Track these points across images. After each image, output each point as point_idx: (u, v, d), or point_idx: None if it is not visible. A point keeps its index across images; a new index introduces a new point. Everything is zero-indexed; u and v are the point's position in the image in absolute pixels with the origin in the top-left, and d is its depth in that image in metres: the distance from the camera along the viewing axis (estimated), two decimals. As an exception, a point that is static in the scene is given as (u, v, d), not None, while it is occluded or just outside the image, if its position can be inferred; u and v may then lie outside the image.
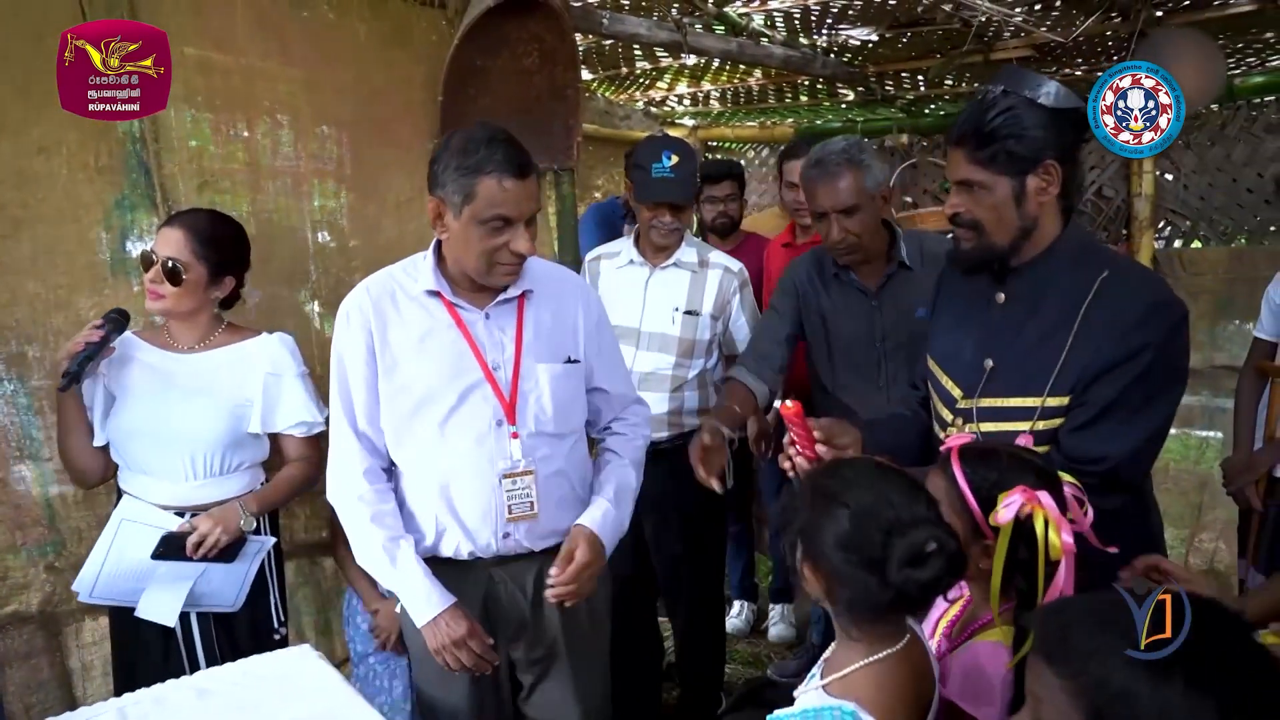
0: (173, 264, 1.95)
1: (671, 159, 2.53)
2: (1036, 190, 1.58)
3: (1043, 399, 1.58)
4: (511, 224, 1.67)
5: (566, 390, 1.85)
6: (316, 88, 2.55)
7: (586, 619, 1.93)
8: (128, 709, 1.63)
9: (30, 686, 2.25)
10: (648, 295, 2.63)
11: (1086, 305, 1.56)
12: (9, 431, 2.14)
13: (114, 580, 1.97)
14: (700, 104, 5.52)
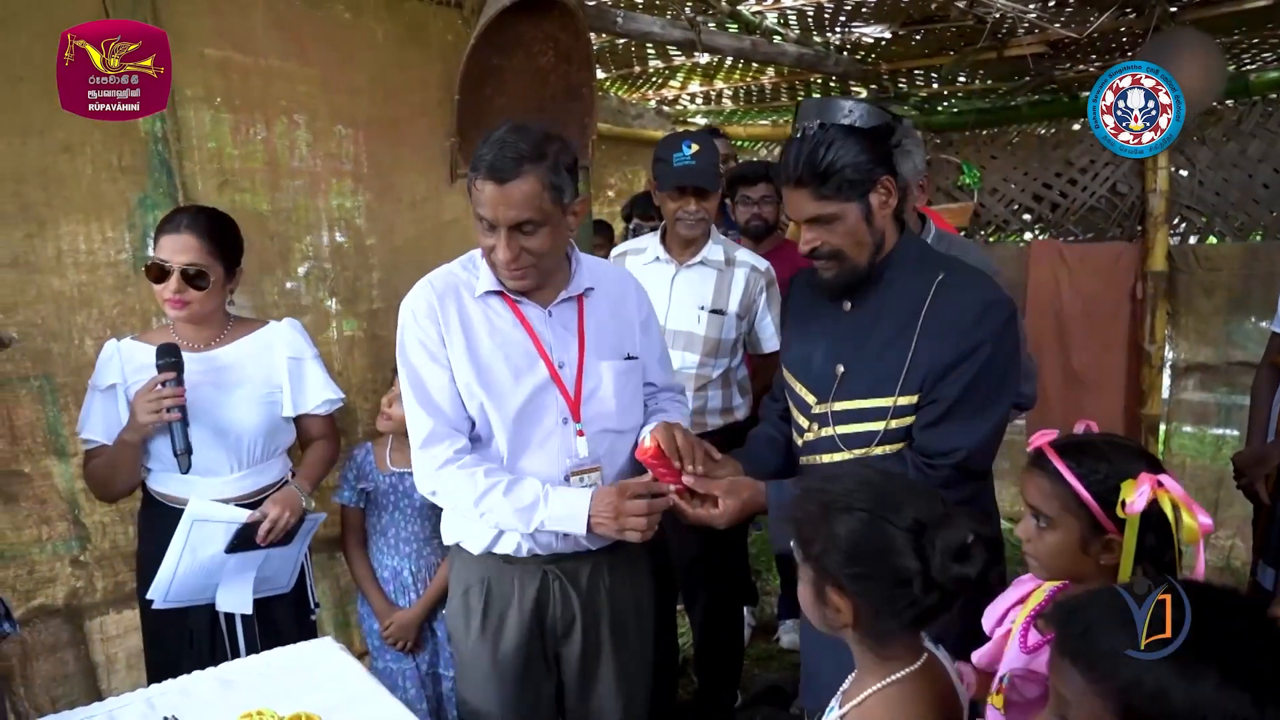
0: (195, 270, 1.96)
1: (692, 148, 2.55)
2: (879, 205, 1.67)
3: (894, 399, 1.67)
4: (495, 228, 1.64)
5: (629, 386, 1.85)
6: (334, 88, 2.58)
7: (634, 618, 1.92)
8: (155, 699, 1.65)
9: (56, 679, 2.29)
10: (673, 293, 2.64)
11: (925, 308, 1.66)
12: (35, 427, 2.18)
13: (189, 581, 1.97)
14: (713, 102, 5.54)
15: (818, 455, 1.79)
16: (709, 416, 2.64)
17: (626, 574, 1.90)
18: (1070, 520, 1.27)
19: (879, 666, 1.19)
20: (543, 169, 1.61)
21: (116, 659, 2.36)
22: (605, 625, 1.87)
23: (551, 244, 1.69)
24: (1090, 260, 4.37)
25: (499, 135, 1.63)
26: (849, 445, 1.73)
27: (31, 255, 2.14)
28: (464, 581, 1.88)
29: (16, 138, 2.09)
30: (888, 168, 1.67)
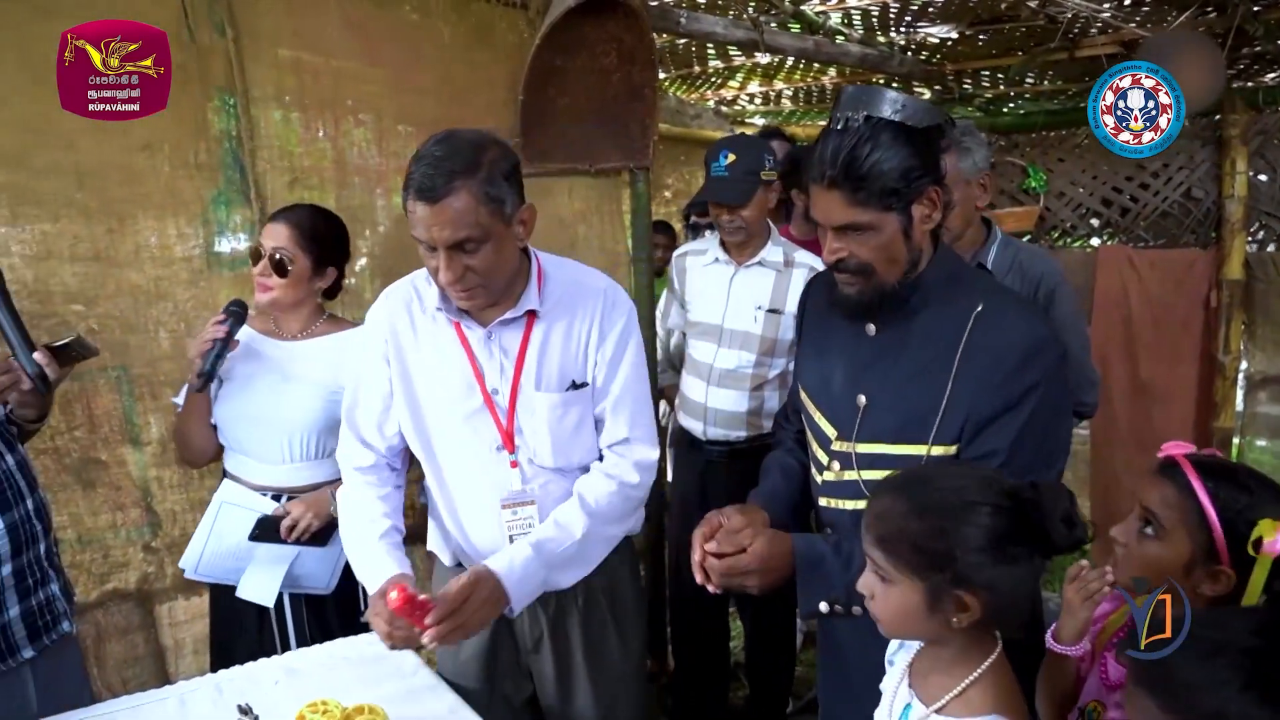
0: (279, 256, 2.03)
1: (728, 158, 2.55)
2: (921, 219, 1.46)
3: (928, 447, 1.47)
4: (435, 249, 1.53)
5: (568, 420, 1.72)
6: (401, 88, 2.61)
7: (613, 634, 1.87)
8: (222, 684, 1.70)
9: (127, 661, 2.36)
10: (731, 293, 2.65)
11: (963, 344, 1.45)
12: (112, 416, 2.25)
13: (216, 559, 2.06)
14: (772, 103, 5.50)
15: (840, 500, 1.61)
16: (764, 419, 2.63)
17: (604, 591, 1.85)
18: (1183, 538, 1.23)
19: (971, 656, 1.20)
20: (476, 182, 1.49)
21: (184, 644, 2.43)
22: (578, 640, 1.83)
23: (497, 259, 1.57)
24: (1161, 267, 4.24)
25: (427, 149, 1.52)
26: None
27: (112, 250, 2.21)
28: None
29: (100, 136, 2.15)
30: (936, 177, 1.45)
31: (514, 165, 1.57)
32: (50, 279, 2.14)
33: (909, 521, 1.18)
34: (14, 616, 1.73)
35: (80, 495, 2.25)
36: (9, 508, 1.72)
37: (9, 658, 1.72)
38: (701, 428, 2.68)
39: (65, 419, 2.19)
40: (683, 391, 2.77)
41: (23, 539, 1.74)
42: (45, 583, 1.81)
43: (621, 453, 1.75)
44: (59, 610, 1.84)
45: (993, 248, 2.31)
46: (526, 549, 1.61)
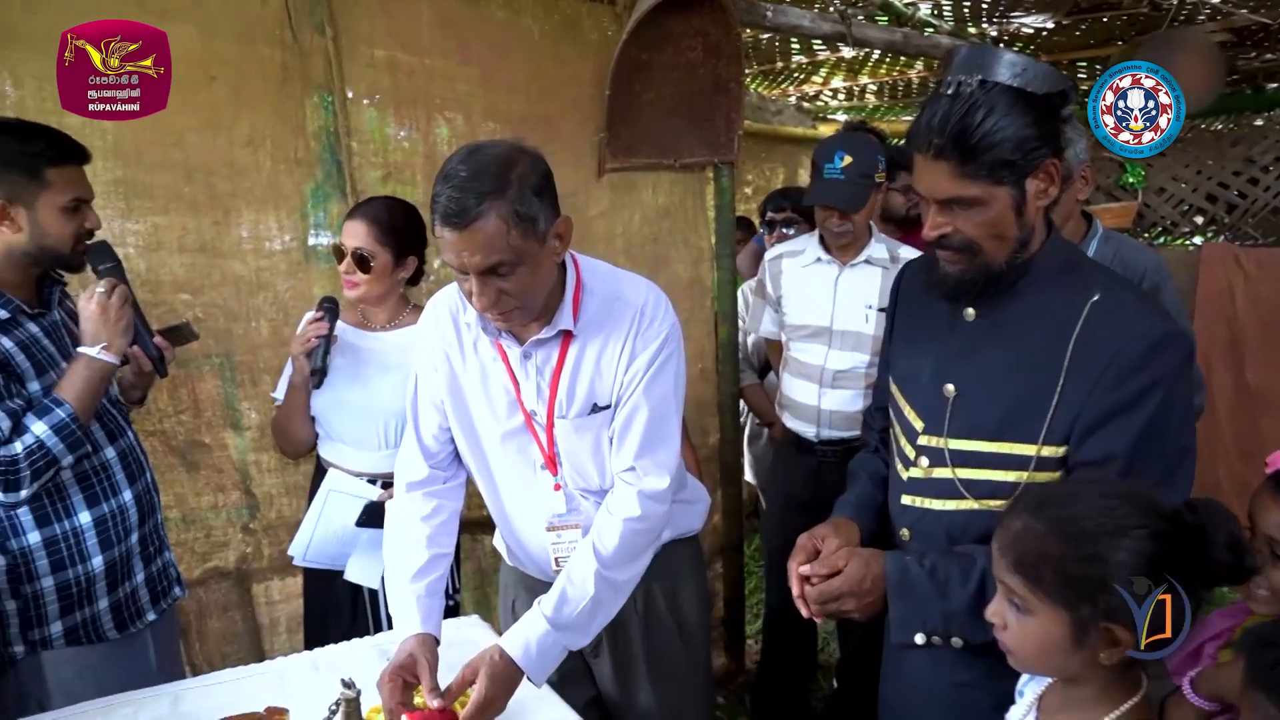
0: (361, 253, 2.09)
1: (843, 160, 2.48)
2: (1036, 194, 1.34)
3: (1038, 447, 1.36)
4: (466, 273, 1.45)
5: (603, 444, 1.64)
6: (490, 85, 2.65)
7: (677, 639, 1.83)
8: (319, 661, 1.75)
9: (226, 637, 2.46)
10: (838, 293, 2.60)
11: (1076, 335, 1.34)
12: (215, 401, 2.35)
13: (324, 546, 2.13)
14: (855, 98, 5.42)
15: (928, 499, 1.50)
16: None
17: (665, 593, 1.82)
18: None
19: (1112, 695, 1.10)
20: (505, 203, 1.38)
21: (279, 622, 2.51)
22: (638, 643, 1.80)
23: (533, 279, 1.47)
24: (1271, 267, 4.03)
25: (452, 166, 1.41)
26: (976, 494, 1.43)
27: (217, 241, 2.30)
28: (510, 589, 1.92)
29: (208, 132, 2.25)
30: (1055, 148, 1.33)
31: (545, 176, 1.46)
32: (160, 269, 2.25)
33: (1053, 545, 1.07)
34: (140, 581, 1.86)
35: (185, 476, 2.35)
36: (135, 479, 1.85)
37: (136, 620, 1.85)
38: (814, 430, 2.64)
39: (172, 403, 2.29)
40: (787, 394, 2.73)
41: (145, 508, 1.87)
42: (162, 550, 1.96)
43: (628, 481, 1.62)
44: (172, 575, 1.98)
45: (1093, 242, 2.22)
46: (543, 623, 1.52)
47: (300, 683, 1.65)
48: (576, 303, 1.58)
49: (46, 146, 1.66)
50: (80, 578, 1.75)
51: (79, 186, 1.73)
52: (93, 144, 2.07)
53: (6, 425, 1.61)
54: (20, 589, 1.72)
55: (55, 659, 1.76)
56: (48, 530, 1.71)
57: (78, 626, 1.77)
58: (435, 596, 1.61)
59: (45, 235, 1.69)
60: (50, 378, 1.72)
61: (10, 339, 1.68)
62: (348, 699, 1.31)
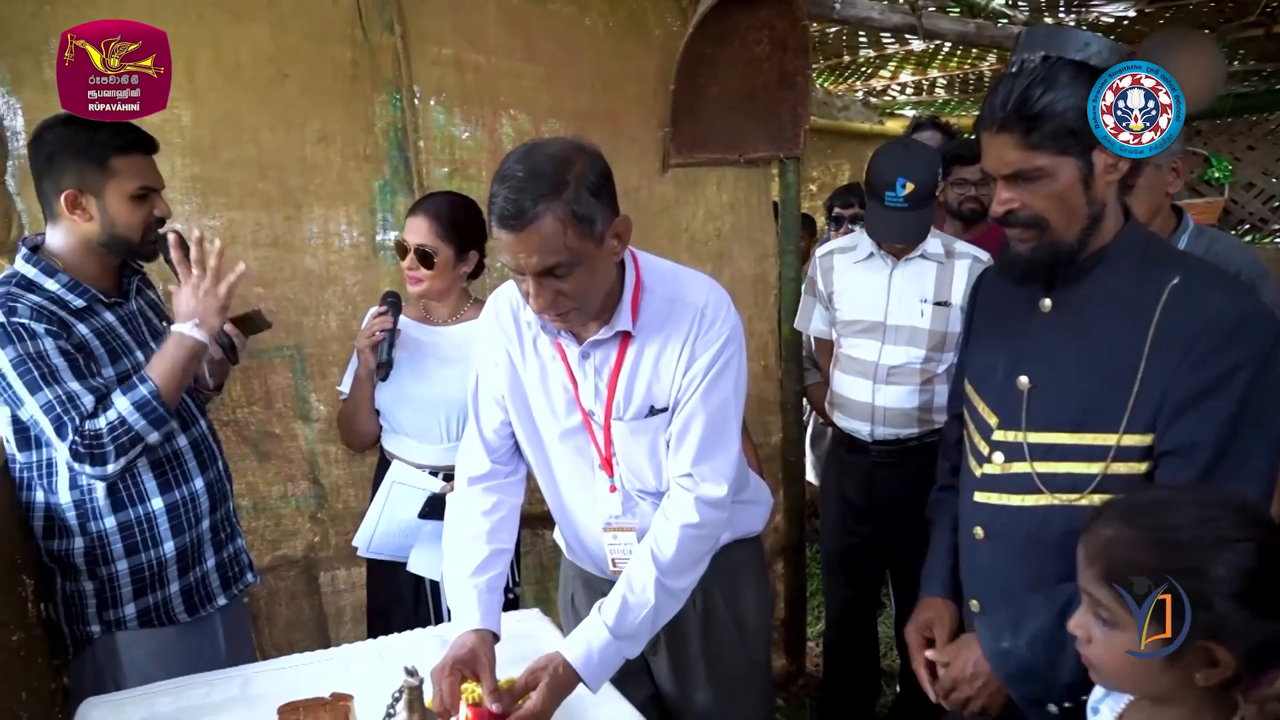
0: (423, 249, 2.11)
1: (905, 187, 2.38)
2: (1105, 168, 1.32)
3: (1118, 436, 1.32)
4: (523, 274, 1.44)
5: (659, 446, 1.62)
6: (553, 81, 2.66)
7: (735, 639, 1.81)
8: (383, 649, 1.77)
9: (294, 624, 2.51)
10: (892, 287, 2.54)
11: (1156, 319, 1.30)
12: (286, 393, 2.40)
13: (388, 538, 2.16)
14: (925, 92, 5.32)
15: (1004, 495, 1.46)
16: (936, 414, 2.52)
17: (723, 593, 1.79)
18: None
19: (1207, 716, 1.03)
20: (561, 203, 1.36)
21: (344, 611, 2.56)
22: (696, 642, 1.78)
23: (591, 280, 1.46)
24: (1370, 265, 3.82)
25: (509, 167, 1.40)
26: (1053, 488, 1.40)
27: (289, 236, 2.35)
28: (568, 583, 1.91)
29: (282, 129, 2.30)
30: None
31: (603, 175, 1.44)
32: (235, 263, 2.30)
33: (1147, 556, 1.01)
34: (211, 567, 1.91)
35: (256, 466, 2.41)
36: (207, 467, 1.90)
37: (206, 605, 1.90)
38: (869, 428, 2.59)
39: (245, 393, 2.35)
40: (839, 392, 2.67)
41: (217, 496, 1.92)
42: (234, 537, 2.01)
43: (685, 487, 1.59)
44: (244, 562, 2.03)
45: (1183, 237, 2.12)
46: (604, 632, 1.50)
47: (364, 670, 1.67)
48: (635, 303, 1.56)
49: (112, 135, 1.69)
50: (153, 561, 1.81)
51: (146, 175, 1.76)
52: (170, 140, 2.14)
53: (90, 401, 1.65)
54: (97, 570, 1.77)
55: (128, 639, 1.81)
56: (123, 515, 1.77)
57: (150, 609, 1.82)
58: (495, 592, 1.61)
59: (115, 224, 1.73)
60: (123, 365, 1.76)
61: (86, 326, 1.73)
62: (410, 686, 1.32)
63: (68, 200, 1.70)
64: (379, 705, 1.44)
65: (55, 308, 1.69)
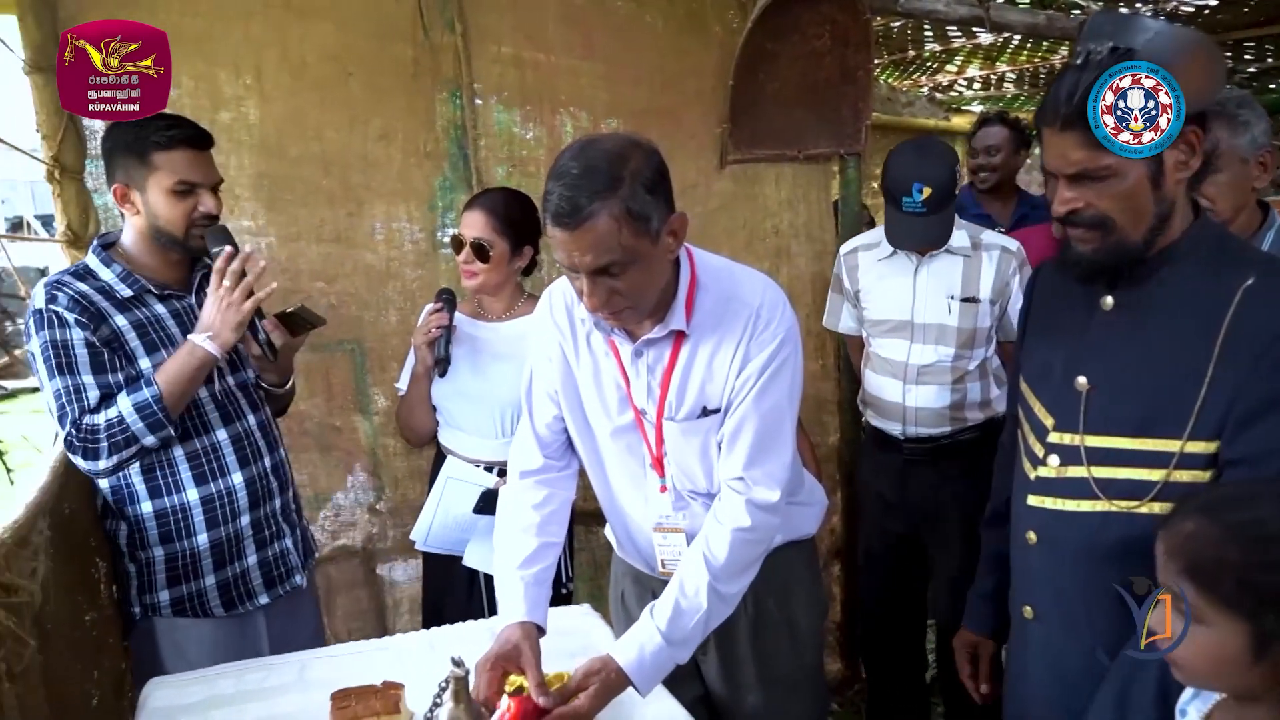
0: (479, 243, 2.12)
1: (923, 192, 2.31)
2: (1176, 165, 1.26)
3: (1181, 443, 1.27)
4: (577, 272, 1.42)
5: (711, 447, 1.60)
6: (612, 79, 2.67)
7: (786, 641, 1.78)
8: (435, 641, 1.79)
9: (352, 614, 2.57)
10: (918, 284, 2.47)
11: (1228, 321, 1.25)
12: (347, 386, 2.45)
13: (444, 532, 2.18)
14: (992, 87, 5.19)
15: (1059, 499, 1.42)
16: (968, 411, 2.46)
17: (775, 593, 1.76)
18: None
19: None
20: (617, 201, 1.34)
21: (401, 602, 2.60)
22: (745, 643, 1.75)
23: (646, 279, 1.44)
24: None
25: (564, 163, 1.38)
26: (1110, 494, 1.35)
27: (351, 232, 2.40)
28: (619, 580, 1.89)
29: (345, 128, 2.35)
30: (1196, 116, 1.25)
31: (659, 171, 1.41)
32: (299, 258, 2.36)
33: (1233, 550, 0.99)
34: (252, 564, 1.90)
35: (318, 457, 2.47)
36: (248, 463, 1.89)
37: (245, 602, 1.89)
38: (900, 428, 2.53)
39: (308, 386, 2.41)
40: (871, 391, 2.62)
41: (259, 493, 1.90)
42: (280, 537, 1.97)
43: (737, 490, 1.56)
44: (292, 564, 1.99)
45: (1269, 234, 2.01)
46: (657, 637, 1.47)
47: (416, 660, 1.69)
48: (690, 302, 1.54)
49: (155, 131, 1.71)
50: (187, 552, 1.82)
51: (188, 170, 1.75)
52: (239, 139, 2.20)
53: (95, 396, 1.69)
54: (136, 554, 1.81)
55: (165, 626, 1.84)
56: (159, 503, 1.80)
57: (184, 598, 1.84)
58: (542, 585, 1.60)
59: (156, 217, 1.76)
60: (160, 357, 1.77)
61: (126, 317, 1.76)
62: (457, 677, 1.33)
63: (117, 194, 1.76)
64: (429, 695, 1.45)
65: (99, 297, 1.73)
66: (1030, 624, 1.49)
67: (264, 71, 2.26)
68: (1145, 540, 1.30)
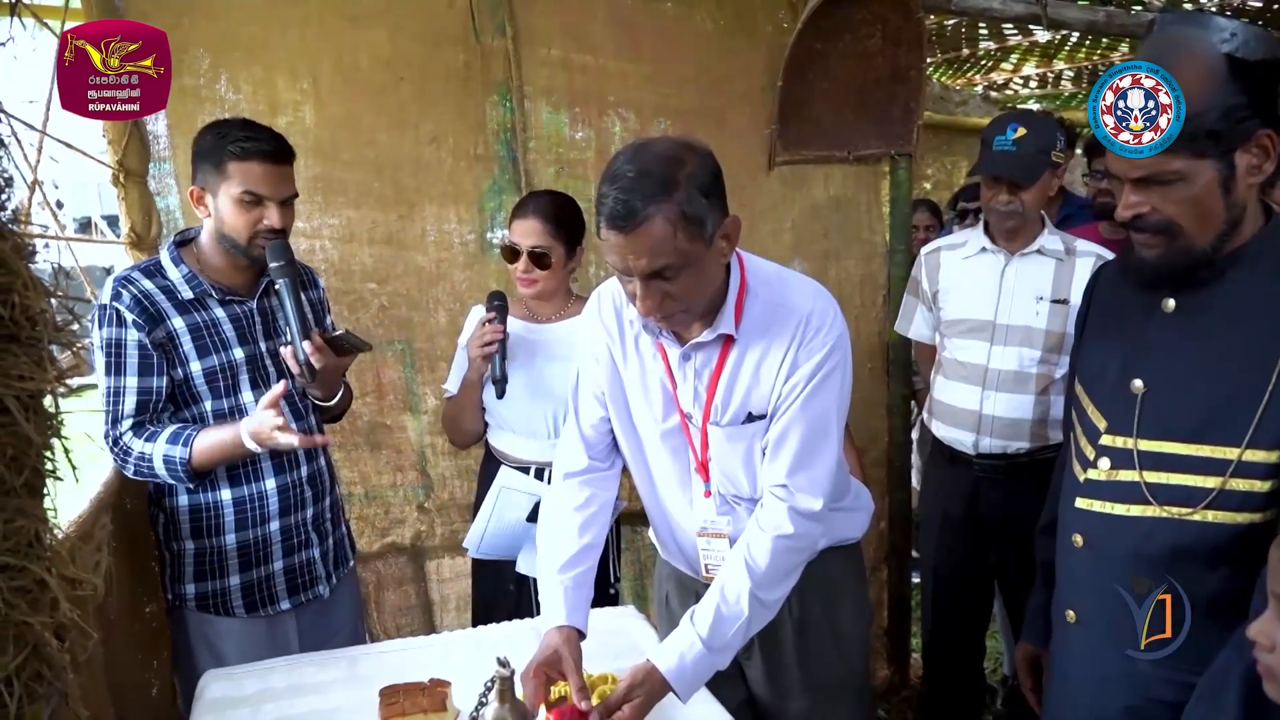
0: (539, 251, 2.11)
1: (1016, 131, 2.29)
2: (1248, 170, 1.22)
3: (1239, 450, 1.24)
4: (630, 275, 1.42)
5: (755, 453, 1.60)
6: (660, 80, 2.67)
7: (831, 646, 1.76)
8: (481, 639, 1.81)
9: (401, 610, 2.61)
10: (1004, 284, 2.38)
11: None
12: (396, 386, 2.49)
13: (497, 539, 2.18)
14: (1049, 85, 5.08)
15: (1108, 503, 1.39)
16: (1051, 429, 2.34)
17: (820, 599, 1.74)
18: None
19: None
20: (673, 205, 1.34)
21: (449, 599, 2.64)
22: (790, 648, 1.74)
23: (699, 283, 1.44)
24: None
25: (619, 167, 1.38)
26: (1162, 499, 1.32)
27: (402, 234, 2.44)
28: (663, 583, 1.88)
29: (396, 130, 2.39)
30: (1270, 119, 1.22)
31: (714, 174, 1.42)
32: (352, 260, 2.41)
33: None
34: (277, 570, 1.91)
35: (368, 455, 2.51)
36: (284, 471, 1.91)
37: (267, 606, 1.91)
38: (973, 439, 2.41)
39: (359, 385, 2.45)
40: (941, 399, 2.51)
41: (291, 501, 1.92)
42: (308, 546, 1.96)
43: (780, 497, 1.55)
44: (317, 573, 1.97)
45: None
46: (698, 644, 1.48)
47: (463, 658, 1.71)
48: (739, 306, 1.53)
49: (234, 141, 1.76)
50: (214, 549, 1.85)
51: (257, 182, 1.77)
52: (295, 143, 2.22)
53: (133, 404, 1.75)
54: (170, 544, 1.87)
55: (193, 619, 1.88)
56: (194, 498, 1.84)
57: (208, 595, 1.87)
58: (582, 588, 1.60)
59: (223, 223, 1.80)
60: (211, 361, 1.82)
61: (185, 320, 1.80)
62: (502, 677, 1.34)
63: (193, 195, 1.81)
64: (474, 692, 1.47)
65: (161, 297, 1.79)
66: (1072, 628, 1.47)
67: (319, 77, 2.31)
68: (1195, 547, 1.29)
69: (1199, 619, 1.31)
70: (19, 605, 0.93)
